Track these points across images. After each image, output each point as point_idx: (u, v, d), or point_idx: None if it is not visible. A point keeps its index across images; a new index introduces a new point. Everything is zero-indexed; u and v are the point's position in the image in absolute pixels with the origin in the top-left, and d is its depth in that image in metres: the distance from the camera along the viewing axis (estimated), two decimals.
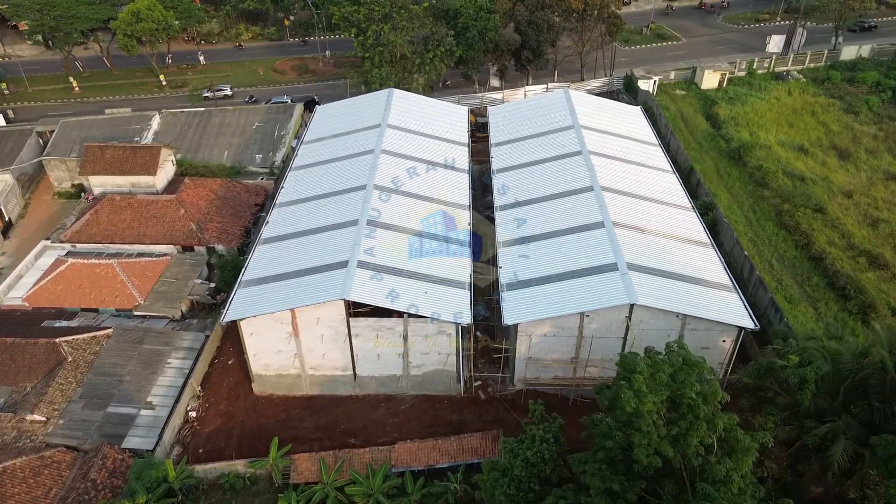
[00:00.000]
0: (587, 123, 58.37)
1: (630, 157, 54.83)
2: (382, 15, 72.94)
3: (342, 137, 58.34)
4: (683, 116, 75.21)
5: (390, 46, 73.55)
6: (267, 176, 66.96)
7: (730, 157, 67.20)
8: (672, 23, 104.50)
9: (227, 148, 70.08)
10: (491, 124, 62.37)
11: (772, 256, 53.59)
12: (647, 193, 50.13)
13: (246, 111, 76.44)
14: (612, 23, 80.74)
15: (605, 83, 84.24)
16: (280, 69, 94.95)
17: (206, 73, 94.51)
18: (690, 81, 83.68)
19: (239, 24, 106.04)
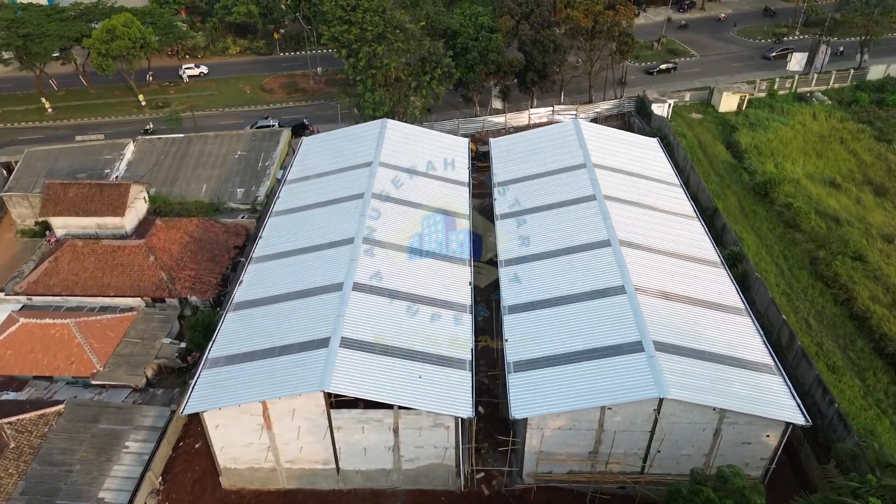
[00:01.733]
0: (600, 161, 52.64)
1: (649, 202, 49.09)
2: (376, 35, 67.18)
3: (329, 177, 52.58)
4: (702, 144, 69.46)
5: (384, 69, 67.81)
6: (248, 213, 61.17)
7: (754, 192, 61.45)
8: (684, 37, 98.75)
9: (207, 181, 64.28)
10: (493, 159, 56.63)
11: (808, 313, 47.87)
12: (671, 247, 44.39)
13: (228, 138, 70.63)
14: (623, 41, 75.00)
15: (616, 105, 78.58)
16: (268, 87, 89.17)
17: (190, 91, 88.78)
18: (707, 103, 77.92)
19: (226, 38, 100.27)
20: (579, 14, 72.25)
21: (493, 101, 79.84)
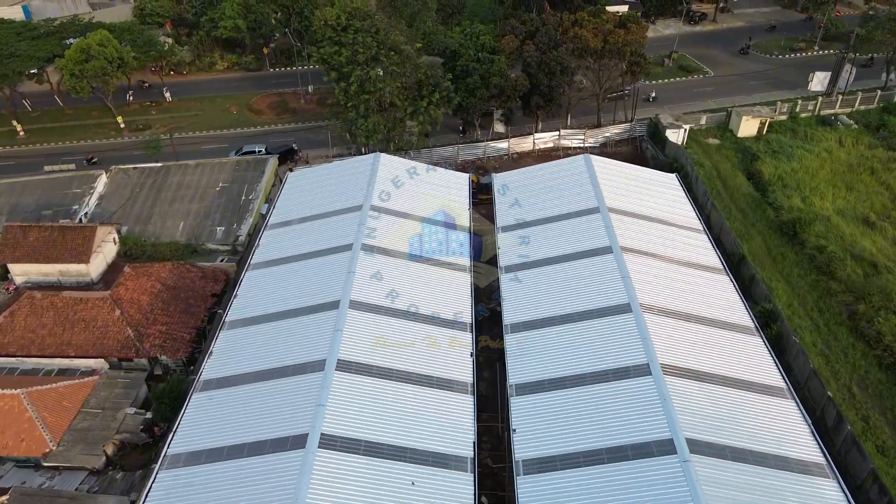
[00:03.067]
0: (615, 203, 47.51)
1: (671, 254, 43.92)
2: (368, 57, 61.98)
3: (315, 222, 47.44)
4: (721, 175, 64.26)
5: (378, 94, 62.62)
6: (229, 255, 55.97)
7: (781, 231, 56.27)
8: (697, 52, 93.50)
9: (184, 217, 59.07)
10: (497, 200, 51.47)
11: (850, 380, 42.70)
12: (700, 311, 39.25)
13: (210, 167, 65.47)
14: (635, 62, 69.81)
15: (626, 129, 73.37)
16: (256, 107, 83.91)
17: (173, 111, 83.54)
18: (725, 127, 72.71)
19: (213, 52, 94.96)
20: (588, 33, 67.07)
21: (495, 125, 74.68)
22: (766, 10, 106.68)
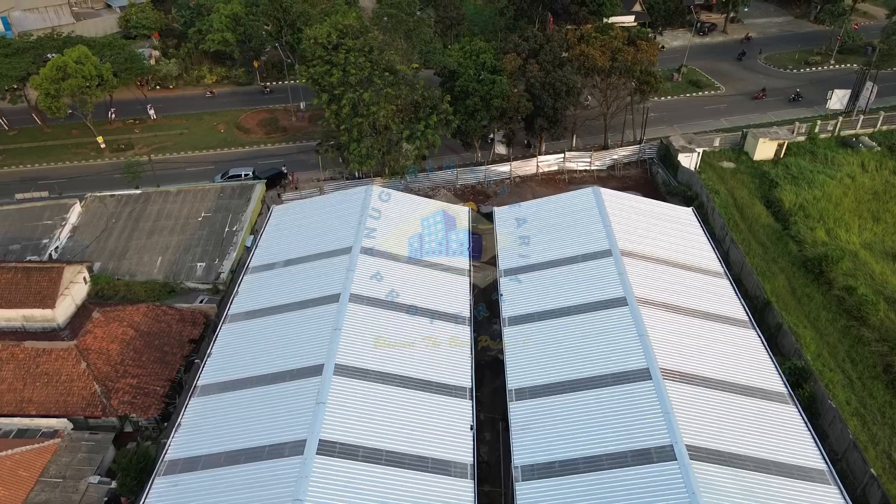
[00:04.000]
0: (628, 245, 43.41)
1: (692, 304, 39.85)
2: (361, 79, 57.88)
3: (300, 266, 43.31)
4: (738, 203, 60.15)
5: (371, 117, 58.54)
6: (209, 295, 51.83)
7: (806, 268, 52.16)
8: (707, 65, 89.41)
9: (163, 252, 54.94)
10: (499, 239, 47.35)
11: (890, 445, 38.61)
12: (726, 376, 35.18)
13: (192, 195, 61.41)
14: (645, 80, 65.71)
15: (635, 152, 69.29)
16: (244, 125, 79.77)
17: (157, 129, 79.38)
18: (740, 149, 68.61)
19: (202, 66, 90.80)
20: (595, 51, 63.00)
21: (496, 146, 70.60)
22: (778, 20, 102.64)
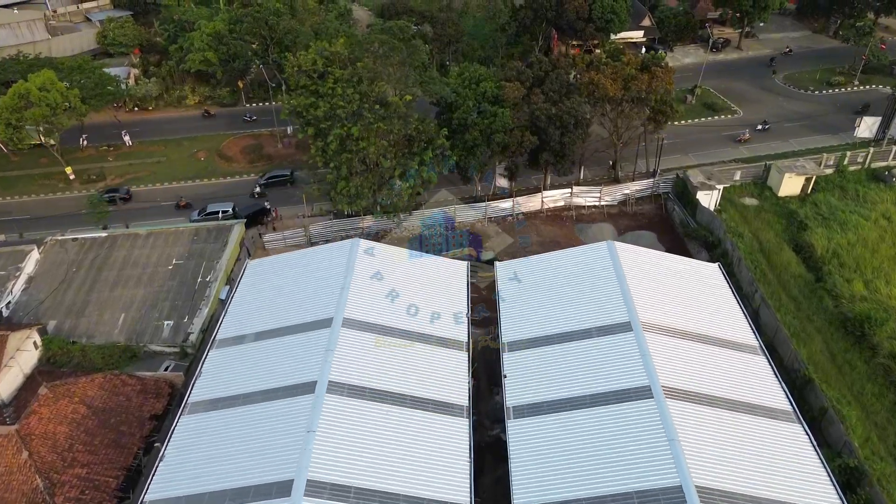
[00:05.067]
0: (651, 317, 37.80)
1: (728, 395, 34.23)
2: (349, 112, 52.35)
3: (273, 342, 37.67)
4: (764, 248, 54.57)
5: (361, 153, 53.05)
6: (177, 359, 46.25)
7: (845, 328, 46.63)
8: (721, 84, 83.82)
9: (126, 307, 49.34)
10: (501, 304, 41.73)
11: None
12: (771, 489, 29.61)
13: (164, 238, 55.86)
14: (661, 110, 60.18)
15: (648, 186, 63.71)
16: (226, 153, 74.16)
17: (133, 157, 73.82)
18: (763, 183, 63.05)
19: (184, 85, 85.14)
20: (606, 79, 57.42)
21: (498, 179, 64.98)
22: (795, 35, 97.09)
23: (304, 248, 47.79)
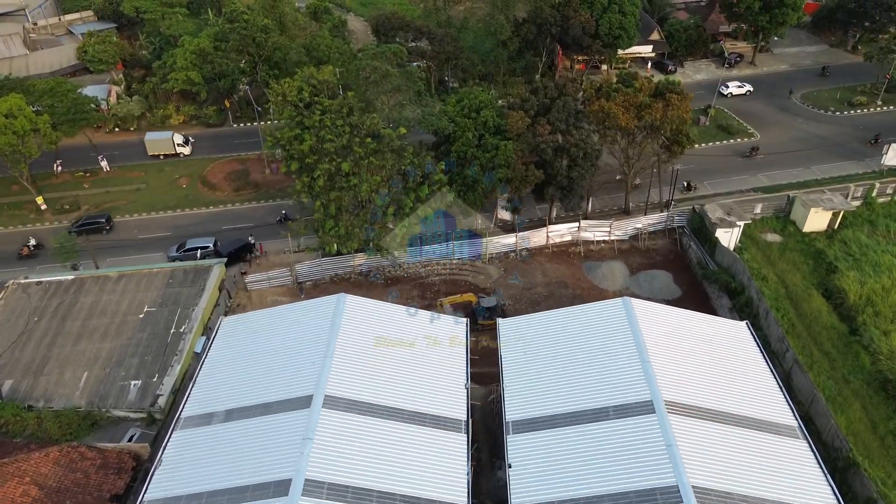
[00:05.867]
0: (675, 394, 33.22)
1: (768, 494, 29.60)
2: (339, 147, 47.81)
3: (243, 424, 33.06)
4: (790, 294, 49.94)
5: (351, 191, 48.54)
6: (143, 426, 41.62)
7: (885, 391, 42.08)
8: (736, 104, 79.20)
9: (90, 364, 44.71)
10: (505, 375, 37.12)
11: None
12: None
13: (136, 280, 51.34)
14: (676, 140, 55.63)
15: (662, 219, 59.12)
16: (210, 179, 69.57)
17: (110, 183, 69.21)
18: (786, 217, 58.47)
19: (168, 104, 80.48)
20: (617, 108, 52.83)
21: (499, 212, 60.46)
22: (812, 50, 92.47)
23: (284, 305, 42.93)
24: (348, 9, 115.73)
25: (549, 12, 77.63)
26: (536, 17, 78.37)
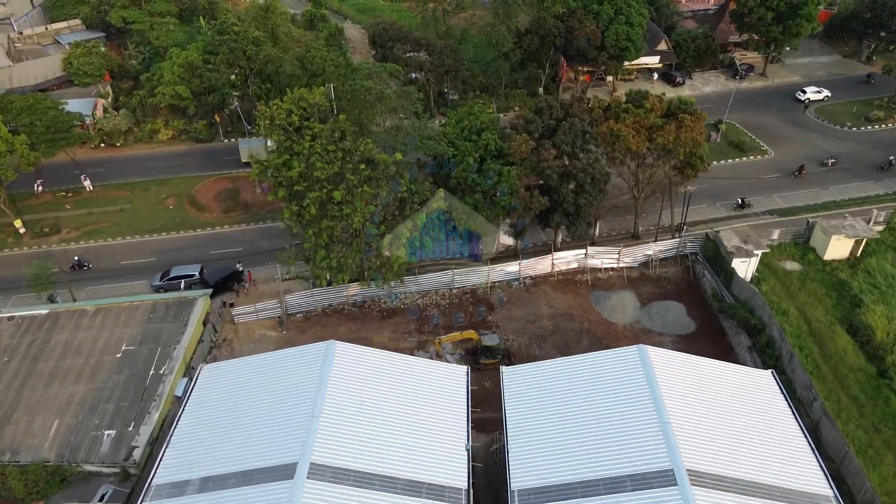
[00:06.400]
0: (698, 463, 30.00)
1: None
2: (330, 174, 44.63)
3: (221, 496, 29.85)
4: (813, 331, 46.73)
5: (344, 220, 45.39)
6: (117, 482, 38.43)
7: None
8: (748, 118, 75.95)
9: (61, 411, 41.50)
10: (509, 434, 33.90)
11: None
12: None
13: (115, 315, 48.26)
14: (690, 163, 52.44)
15: (673, 246, 55.93)
16: (199, 200, 66.35)
17: (94, 204, 65.95)
18: (804, 242, 55.29)
19: (156, 118, 77.16)
20: (627, 130, 49.66)
21: (501, 237, 57.24)
22: (825, 60, 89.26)
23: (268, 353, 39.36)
24: (345, 16, 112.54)
25: (553, 23, 74.51)
26: (539, 28, 75.22)
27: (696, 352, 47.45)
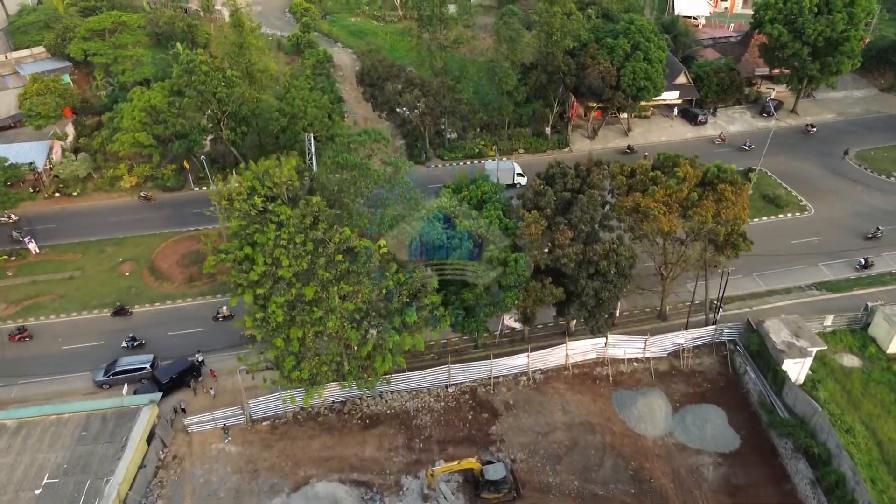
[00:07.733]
0: None
1: None
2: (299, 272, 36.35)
3: None
4: (885, 455, 38.39)
5: (317, 326, 37.11)
6: None
7: None
8: (782, 165, 67.68)
9: None
10: None
11: None
12: None
13: (39, 432, 39.99)
14: (732, 243, 44.10)
15: (709, 333, 47.65)
16: (159, 265, 57.99)
17: (39, 270, 57.59)
18: (863, 330, 47.07)
19: (119, 163, 68.77)
20: (657, 206, 41.40)
21: (506, 319, 48.91)
22: (860, 95, 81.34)
23: None
24: (335, 39, 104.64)
25: (563, 59, 66.43)
26: (547, 64, 67.14)
27: (743, 477, 39.66)
